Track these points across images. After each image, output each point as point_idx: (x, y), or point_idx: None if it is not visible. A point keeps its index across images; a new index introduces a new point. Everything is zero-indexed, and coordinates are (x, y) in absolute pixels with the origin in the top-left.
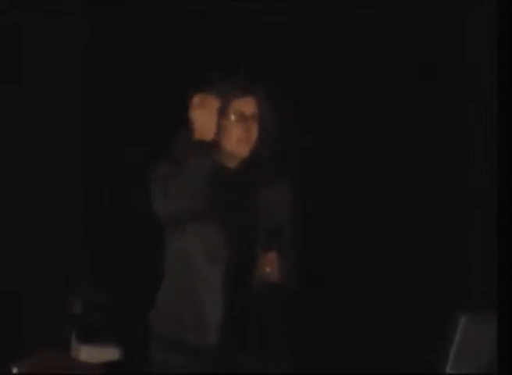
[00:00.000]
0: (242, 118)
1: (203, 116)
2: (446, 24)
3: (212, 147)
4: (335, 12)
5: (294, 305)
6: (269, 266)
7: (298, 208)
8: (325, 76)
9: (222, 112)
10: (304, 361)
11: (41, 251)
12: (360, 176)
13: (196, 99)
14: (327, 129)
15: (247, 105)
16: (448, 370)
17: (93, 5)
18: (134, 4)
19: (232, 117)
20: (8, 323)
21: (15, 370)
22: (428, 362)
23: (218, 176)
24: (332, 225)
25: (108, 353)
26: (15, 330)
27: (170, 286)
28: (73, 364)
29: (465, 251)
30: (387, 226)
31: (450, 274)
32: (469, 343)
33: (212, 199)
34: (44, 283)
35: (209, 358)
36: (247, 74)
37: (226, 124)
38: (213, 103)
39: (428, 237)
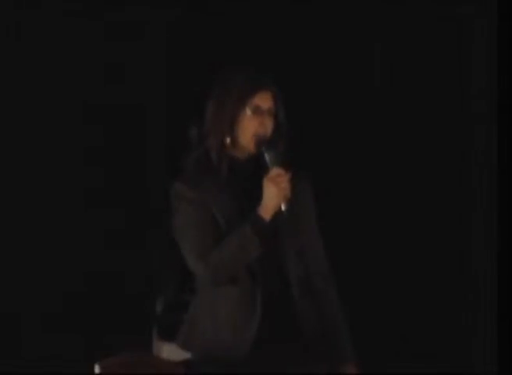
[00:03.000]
0: (258, 112)
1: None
2: (445, 25)
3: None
4: (343, 10)
5: None
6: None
7: None
8: (334, 74)
9: (239, 106)
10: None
11: (124, 250)
12: (359, 177)
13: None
14: (324, 125)
15: (263, 100)
16: None
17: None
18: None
19: (249, 112)
20: (91, 322)
21: (97, 369)
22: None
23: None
24: (330, 227)
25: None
26: (97, 328)
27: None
28: (155, 362)
29: (466, 252)
30: (388, 228)
31: (451, 275)
32: None
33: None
34: (127, 282)
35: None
36: (263, 69)
37: (242, 118)
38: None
39: (428, 239)
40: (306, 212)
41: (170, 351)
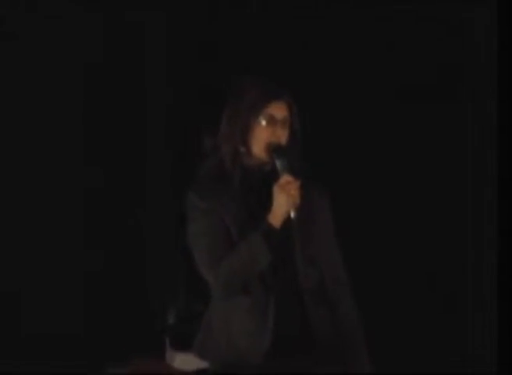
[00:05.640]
0: (272, 122)
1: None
2: (447, 25)
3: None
4: (352, 18)
5: None
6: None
7: None
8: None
9: (253, 116)
10: None
11: (137, 262)
12: (374, 186)
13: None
14: (341, 134)
15: (277, 109)
16: None
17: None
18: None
19: (263, 121)
20: (104, 331)
21: None
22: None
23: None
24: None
25: (201, 361)
26: (110, 337)
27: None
28: (168, 371)
29: (466, 252)
30: (388, 228)
31: (451, 276)
32: None
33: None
34: (139, 292)
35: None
36: (277, 79)
37: (256, 128)
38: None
39: (430, 241)
40: (322, 221)
41: (183, 361)
